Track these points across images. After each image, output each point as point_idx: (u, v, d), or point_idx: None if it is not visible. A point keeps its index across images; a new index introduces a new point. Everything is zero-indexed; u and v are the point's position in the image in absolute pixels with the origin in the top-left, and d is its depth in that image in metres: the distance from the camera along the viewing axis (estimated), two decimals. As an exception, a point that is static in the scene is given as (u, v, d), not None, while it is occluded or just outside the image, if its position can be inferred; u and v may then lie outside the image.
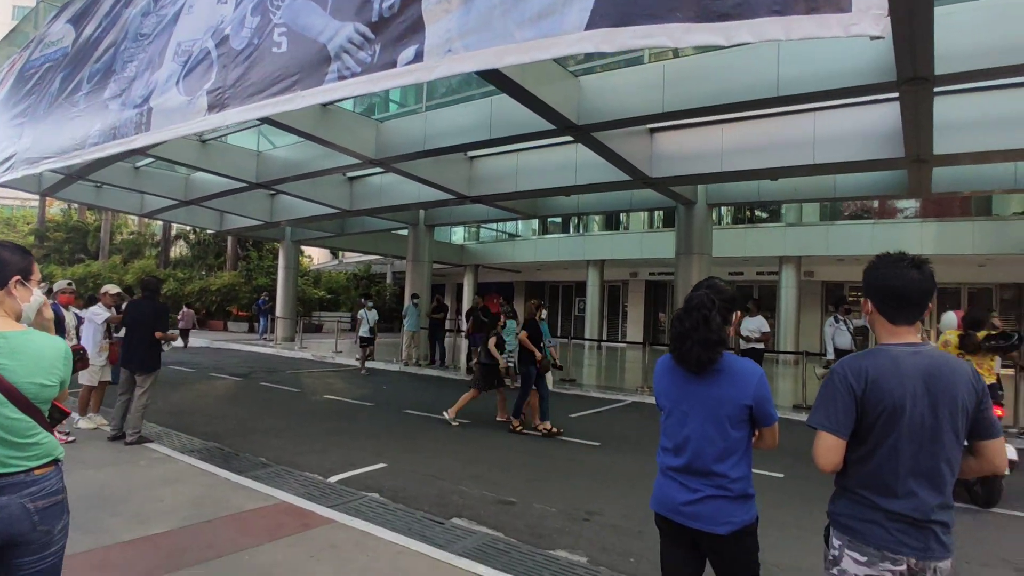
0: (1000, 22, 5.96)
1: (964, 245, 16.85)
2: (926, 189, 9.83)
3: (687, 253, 11.94)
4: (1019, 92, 7.66)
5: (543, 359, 7.91)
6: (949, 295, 21.38)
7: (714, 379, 2.06)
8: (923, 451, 1.75)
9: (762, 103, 6.96)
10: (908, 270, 1.82)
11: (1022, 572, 3.95)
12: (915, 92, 6.25)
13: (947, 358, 1.82)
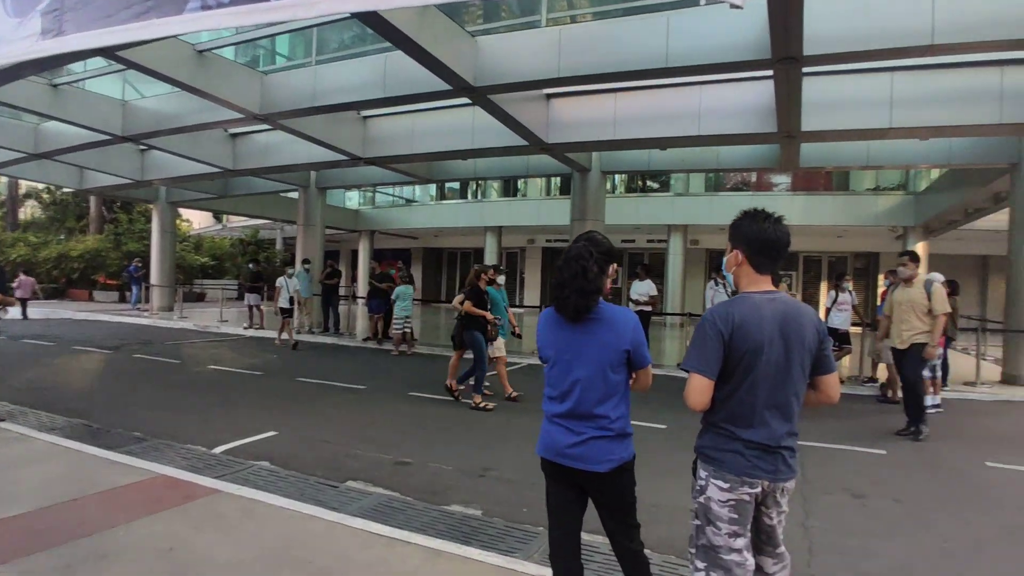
0: (862, 11, 6.49)
1: (826, 217, 18.58)
2: (795, 163, 10.70)
3: (581, 220, 12.27)
4: (873, 77, 8.43)
5: (492, 327, 7.38)
6: (813, 262, 23.63)
7: (593, 327, 2.17)
8: (776, 386, 1.98)
9: (652, 73, 7.21)
10: (778, 225, 2.06)
11: (858, 497, 4.52)
12: (787, 71, 6.73)
13: (797, 304, 2.06)
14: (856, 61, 7.18)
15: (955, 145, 10.68)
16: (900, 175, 18.65)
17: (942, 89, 8.23)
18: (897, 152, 11.06)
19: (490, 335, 7.43)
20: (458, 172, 14.62)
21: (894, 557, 3.55)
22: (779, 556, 2.16)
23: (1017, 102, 7.94)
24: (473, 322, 7.30)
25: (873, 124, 8.52)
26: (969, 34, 6.13)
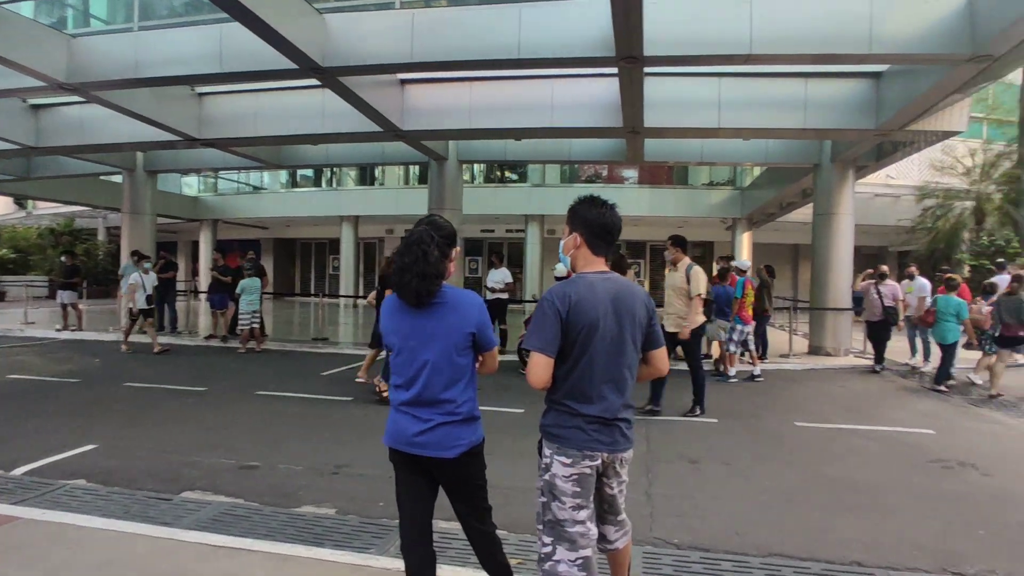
0: (693, 19, 7.05)
1: (669, 208, 20.19)
2: (640, 157, 11.43)
3: (439, 209, 12.19)
4: (705, 81, 9.22)
5: None
6: (658, 251, 25.52)
7: (437, 311, 2.14)
8: (611, 360, 2.09)
9: (505, 63, 7.31)
10: (612, 211, 2.21)
11: (694, 463, 4.96)
12: (630, 69, 7.14)
13: (629, 283, 2.20)
14: (689, 64, 7.80)
15: (771, 146, 12.05)
16: (729, 172, 20.72)
17: (760, 95, 9.22)
18: (726, 150, 12.25)
19: None
20: (310, 158, 13.84)
21: (722, 513, 3.92)
22: (620, 523, 2.29)
23: (818, 110, 9.10)
24: None
25: (705, 124, 9.33)
26: (779, 47, 6.90)
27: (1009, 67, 7.39)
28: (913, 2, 7.04)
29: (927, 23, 6.71)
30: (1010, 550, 3.43)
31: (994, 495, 4.32)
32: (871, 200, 18.71)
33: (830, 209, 11.62)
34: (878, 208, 19.12)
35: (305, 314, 19.52)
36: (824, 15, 6.92)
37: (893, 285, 9.87)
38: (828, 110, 9.11)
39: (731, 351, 8.82)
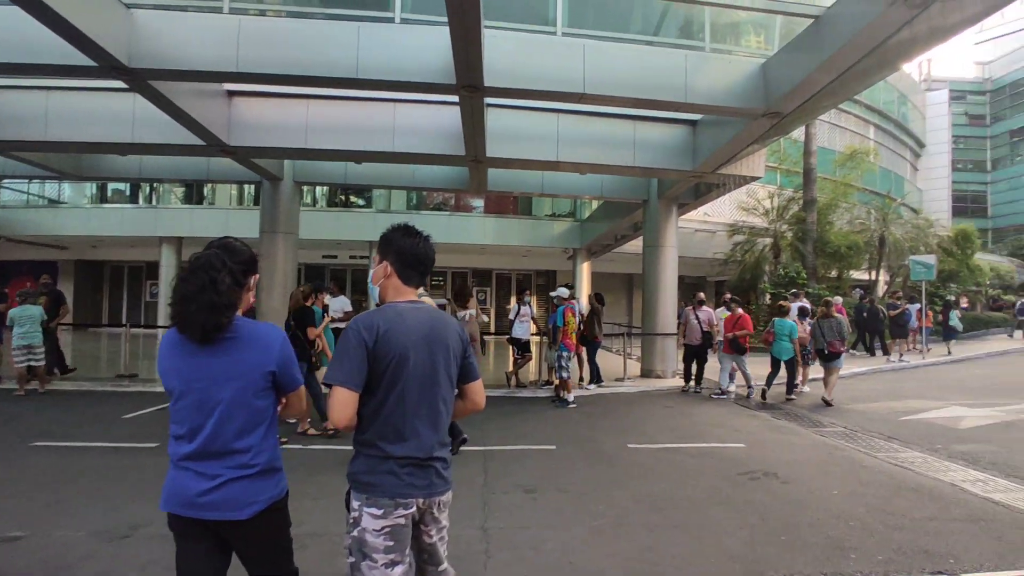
0: (536, 55, 7.32)
1: (513, 238, 20.76)
2: (484, 186, 11.61)
3: (272, 232, 11.40)
4: (545, 116, 9.62)
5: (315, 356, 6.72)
6: (504, 279, 26.15)
7: (229, 347, 1.84)
8: (424, 394, 1.94)
9: (343, 83, 7.02)
10: (426, 242, 2.08)
11: (530, 492, 4.92)
12: (471, 98, 7.20)
13: (441, 313, 2.09)
14: (529, 98, 8.06)
15: (606, 181, 12.87)
16: (570, 204, 21.86)
17: (595, 133, 9.81)
18: (565, 183, 12.85)
19: (314, 363, 6.68)
20: (118, 170, 12.24)
21: (557, 543, 3.89)
22: (442, 574, 2.10)
23: (645, 150, 9.89)
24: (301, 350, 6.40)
25: (545, 156, 9.71)
26: (609, 89, 7.37)
27: (795, 124, 8.56)
28: (719, 60, 7.93)
29: (731, 80, 7.57)
30: (804, 551, 3.76)
31: (791, 500, 4.77)
32: (692, 234, 20.73)
33: (658, 242, 12.62)
34: (698, 242, 21.23)
35: (113, 347, 17.10)
36: (648, 65, 7.54)
37: (709, 311, 10.68)
38: (654, 151, 9.93)
39: (563, 377, 9.01)
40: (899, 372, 13.65)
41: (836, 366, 9.49)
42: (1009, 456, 6.21)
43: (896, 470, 5.69)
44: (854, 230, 21.63)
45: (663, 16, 10.42)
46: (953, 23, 5.57)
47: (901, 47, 6.00)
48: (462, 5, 5.24)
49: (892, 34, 5.65)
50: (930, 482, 5.30)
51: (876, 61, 6.31)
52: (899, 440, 6.94)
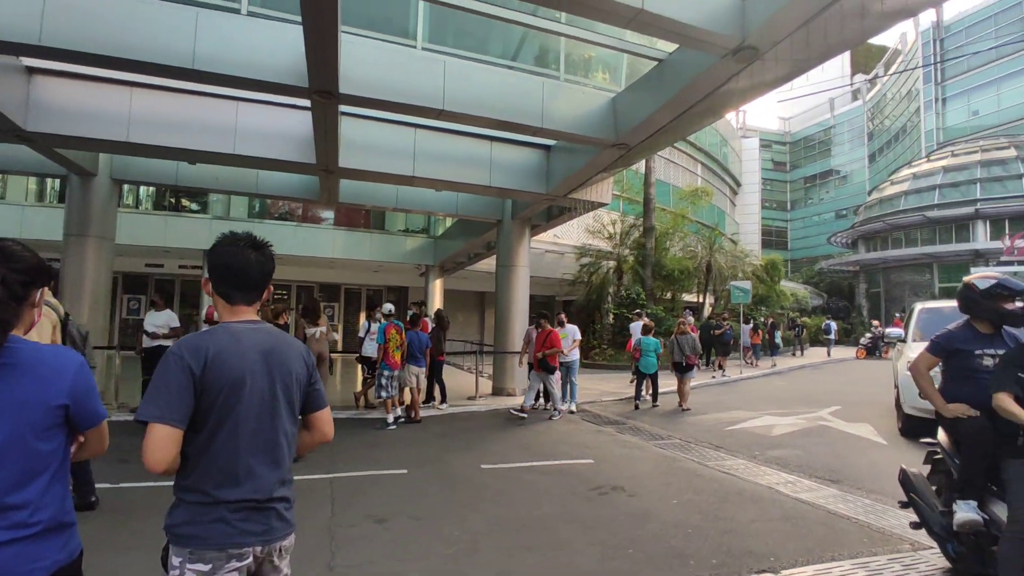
0: (397, 67, 7.11)
1: (364, 252, 20.05)
2: (335, 198, 11.07)
3: (81, 235, 9.90)
4: (403, 130, 9.41)
5: None
6: (353, 294, 25.17)
7: (3, 377, 1.45)
8: (263, 426, 1.72)
9: (175, 72, 6.27)
10: (246, 250, 1.81)
11: (381, 522, 4.64)
12: (324, 104, 6.81)
13: (283, 335, 1.87)
14: (387, 110, 7.81)
15: (461, 199, 12.90)
16: (424, 220, 21.65)
17: (452, 151, 9.78)
18: (420, 199, 12.67)
19: None
20: None
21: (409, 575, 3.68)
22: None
23: (502, 171, 10.05)
24: None
25: (401, 171, 9.48)
26: (468, 108, 7.38)
27: (639, 156, 9.22)
28: (574, 91, 8.31)
29: (584, 110, 7.95)
30: (649, 563, 3.92)
31: (637, 514, 4.97)
32: (543, 255, 21.51)
33: (510, 262, 12.86)
34: (548, 262, 22.06)
35: None
36: (507, 88, 7.68)
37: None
38: (510, 172, 10.12)
39: (383, 397, 8.66)
40: (723, 386, 15.12)
41: (690, 377, 10.97)
42: (810, 459, 7.05)
43: (725, 477, 6.20)
44: (686, 256, 23.84)
45: (521, 43, 10.74)
46: (770, 80, 6.33)
47: (730, 96, 6.69)
48: (318, 5, 4.93)
49: (722, 84, 6.27)
50: (752, 487, 5.83)
51: (709, 106, 6.97)
52: (725, 449, 7.60)
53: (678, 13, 5.13)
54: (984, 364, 3.42)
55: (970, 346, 3.49)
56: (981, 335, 3.51)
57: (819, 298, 42.17)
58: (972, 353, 3.46)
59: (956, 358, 3.53)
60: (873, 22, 5.11)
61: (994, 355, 3.41)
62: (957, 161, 37.05)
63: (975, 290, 3.54)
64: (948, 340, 3.59)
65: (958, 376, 3.52)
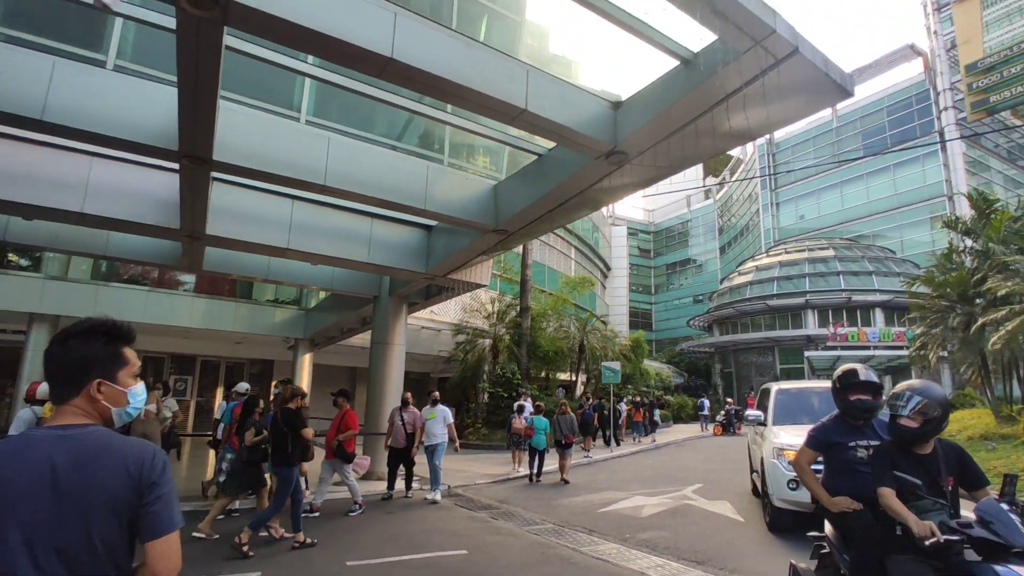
0: (278, 138, 6.95)
1: (227, 323, 18.63)
2: (198, 265, 10.31)
3: None
4: (279, 200, 9.10)
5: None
6: (211, 367, 23.16)
7: None
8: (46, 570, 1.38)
9: (23, 121, 5.67)
10: (66, 344, 1.59)
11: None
12: (194, 168, 6.45)
13: (109, 443, 1.53)
14: (264, 180, 7.52)
15: (337, 273, 12.53)
16: (296, 291, 20.71)
17: (331, 225, 9.57)
18: (293, 271, 12.15)
19: None
20: None
21: None
22: None
23: (382, 248, 9.94)
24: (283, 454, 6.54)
25: (275, 242, 9.07)
26: (351, 185, 7.32)
27: (519, 241, 9.54)
28: (457, 176, 8.55)
29: (467, 195, 8.17)
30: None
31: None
32: (419, 331, 21.27)
33: (386, 339, 12.54)
34: (424, 339, 21.82)
35: None
36: (391, 168, 7.74)
37: (414, 411, 9.95)
38: (389, 250, 10.04)
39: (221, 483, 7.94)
40: (594, 465, 15.39)
41: (569, 453, 12.49)
42: (677, 540, 7.25)
43: (598, 564, 6.18)
44: (559, 337, 24.63)
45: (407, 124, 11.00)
46: (638, 180, 6.92)
47: (603, 192, 7.20)
48: (197, 69, 4.75)
49: (596, 182, 6.76)
50: (624, 572, 5.85)
51: (584, 200, 7.46)
52: (598, 532, 7.63)
53: (558, 116, 5.52)
54: (859, 456, 3.40)
55: (843, 438, 3.48)
56: (850, 427, 3.51)
57: (680, 377, 45.08)
58: (846, 445, 3.45)
59: (832, 451, 3.51)
60: (721, 141, 5.81)
61: (867, 446, 3.40)
62: (790, 257, 42.27)
63: (833, 382, 3.63)
64: (823, 433, 3.58)
65: (836, 469, 3.49)
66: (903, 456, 3.09)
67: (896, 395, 3.16)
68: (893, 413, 3.14)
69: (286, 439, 6.56)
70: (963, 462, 3.11)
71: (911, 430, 3.05)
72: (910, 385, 3.17)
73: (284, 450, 6.57)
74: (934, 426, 3.05)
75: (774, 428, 8.06)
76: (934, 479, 3.02)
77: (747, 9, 4.08)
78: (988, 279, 14.92)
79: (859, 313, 37.01)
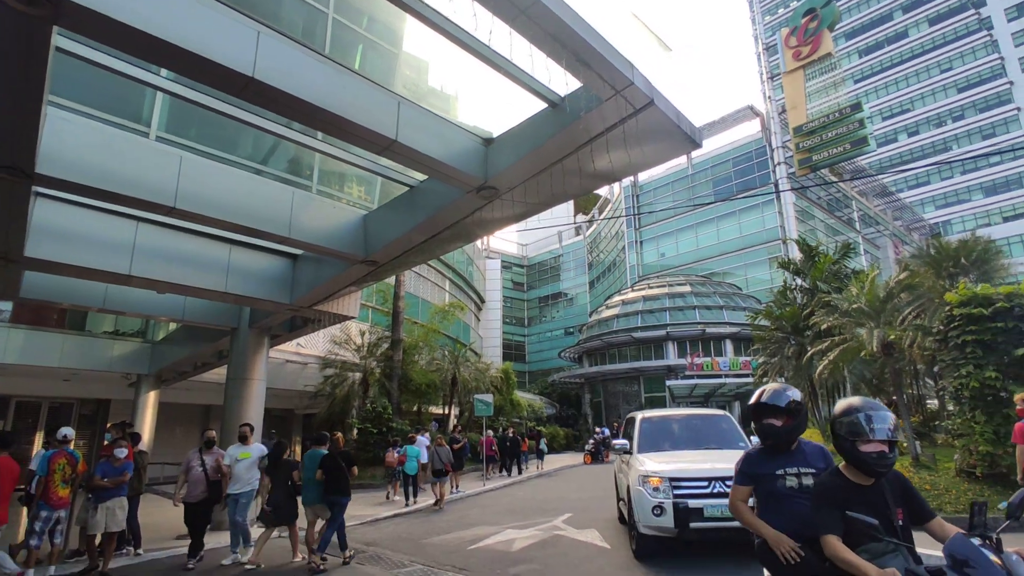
0: (120, 154, 6.28)
1: (53, 357, 16.35)
2: (13, 292, 8.98)
3: None
4: (122, 221, 8.22)
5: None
6: (30, 408, 20.14)
7: None
8: None
9: None
10: None
11: None
12: (10, 182, 5.64)
13: None
14: (101, 199, 6.75)
15: (189, 303, 11.49)
16: (140, 322, 18.70)
17: (182, 251, 8.78)
18: (136, 300, 10.97)
19: None
20: None
21: None
22: None
23: (240, 277, 9.26)
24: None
25: (114, 268, 8.16)
26: (206, 209, 6.78)
27: (389, 272, 9.33)
28: (325, 204, 8.22)
29: (335, 224, 7.87)
30: None
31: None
32: (282, 366, 19.98)
33: (245, 374, 11.62)
34: (288, 373, 20.53)
35: None
36: (253, 193, 7.28)
37: (220, 453, 8.50)
38: (250, 279, 9.38)
39: (33, 545, 7.02)
40: (467, 500, 15.17)
41: (444, 481, 13.91)
42: (547, 572, 7.26)
43: (464, 608, 6.00)
44: (432, 370, 24.28)
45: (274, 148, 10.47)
46: (509, 215, 7.05)
47: (475, 225, 7.25)
48: (21, 71, 4.18)
49: (468, 215, 6.80)
50: (492, 615, 5.73)
51: (456, 232, 7.47)
52: (468, 570, 7.45)
53: (429, 149, 5.50)
54: (788, 485, 3.09)
55: (768, 468, 3.17)
56: (775, 454, 3.21)
57: (552, 407, 46.14)
58: (773, 475, 3.14)
59: (761, 483, 3.19)
60: (587, 181, 6.10)
61: (797, 473, 3.10)
62: (652, 292, 45.22)
63: (749, 407, 3.38)
64: (747, 465, 3.28)
65: (766, 504, 3.17)
66: (846, 491, 2.74)
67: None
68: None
69: (343, 473, 7.93)
70: (907, 491, 2.80)
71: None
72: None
73: (341, 483, 7.95)
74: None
75: (639, 456, 8.22)
76: (883, 514, 2.65)
77: (608, 61, 4.34)
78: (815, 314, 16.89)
79: (712, 344, 40.25)
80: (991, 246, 21.89)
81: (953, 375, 10.73)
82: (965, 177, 62.89)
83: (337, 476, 7.83)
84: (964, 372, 10.37)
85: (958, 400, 10.92)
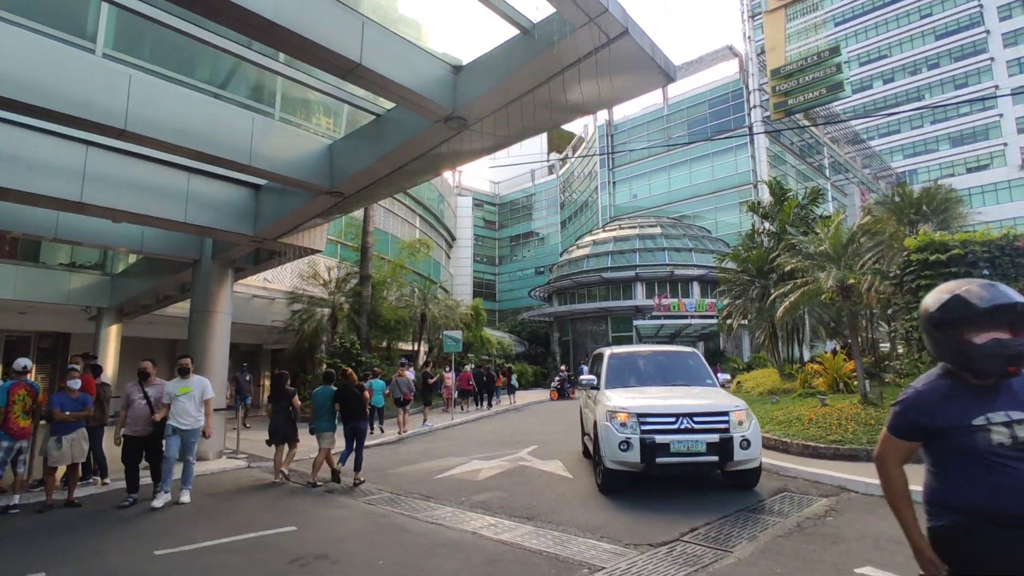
0: (64, 71, 5.90)
1: (7, 289, 15.79)
2: (-41, 219, 8.56)
3: None
4: (71, 144, 7.80)
5: None
6: (-13, 342, 19.63)
7: None
8: None
9: None
10: None
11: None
12: (-57, 98, 5.27)
13: None
14: (44, 118, 6.37)
15: (148, 234, 11.12)
16: (99, 254, 18.12)
17: (138, 178, 8.42)
18: (91, 229, 10.58)
19: None
20: None
21: None
22: None
23: (200, 207, 8.96)
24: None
25: (64, 195, 7.82)
26: (159, 133, 6.46)
27: (356, 205, 9.13)
28: (288, 132, 7.90)
29: (298, 153, 7.60)
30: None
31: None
32: (249, 300, 19.71)
33: (208, 307, 11.43)
34: (255, 308, 20.28)
35: None
36: (210, 117, 6.95)
37: (162, 384, 7.97)
38: (211, 209, 9.09)
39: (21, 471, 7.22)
40: (434, 433, 15.50)
41: (407, 409, 15.05)
42: (511, 499, 7.52)
43: (432, 528, 6.22)
44: (401, 306, 24.24)
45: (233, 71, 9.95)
46: (478, 148, 6.89)
47: (443, 157, 7.08)
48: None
49: (436, 146, 6.62)
50: (458, 535, 5.95)
51: (424, 164, 7.29)
52: (434, 498, 7.68)
53: (394, 74, 5.27)
54: (996, 440, 1.96)
55: (958, 415, 2.03)
56: (972, 392, 2.05)
57: (522, 345, 46.85)
58: (968, 426, 2.00)
59: (947, 439, 2.04)
60: (558, 114, 5.96)
61: (1008, 421, 1.97)
62: (623, 233, 45.41)
63: (929, 320, 2.13)
64: (919, 411, 2.11)
65: (952, 469, 2.05)
66: None
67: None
68: None
69: (361, 403, 8.92)
70: None
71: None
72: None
73: (360, 411, 8.96)
74: None
75: (607, 392, 8.17)
76: None
77: (581, -17, 4.16)
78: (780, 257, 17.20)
79: (680, 286, 40.93)
80: (952, 195, 22.36)
81: (905, 317, 11.13)
82: (934, 127, 63.59)
83: (356, 407, 8.86)
84: (915, 315, 10.79)
85: (908, 341, 11.36)
